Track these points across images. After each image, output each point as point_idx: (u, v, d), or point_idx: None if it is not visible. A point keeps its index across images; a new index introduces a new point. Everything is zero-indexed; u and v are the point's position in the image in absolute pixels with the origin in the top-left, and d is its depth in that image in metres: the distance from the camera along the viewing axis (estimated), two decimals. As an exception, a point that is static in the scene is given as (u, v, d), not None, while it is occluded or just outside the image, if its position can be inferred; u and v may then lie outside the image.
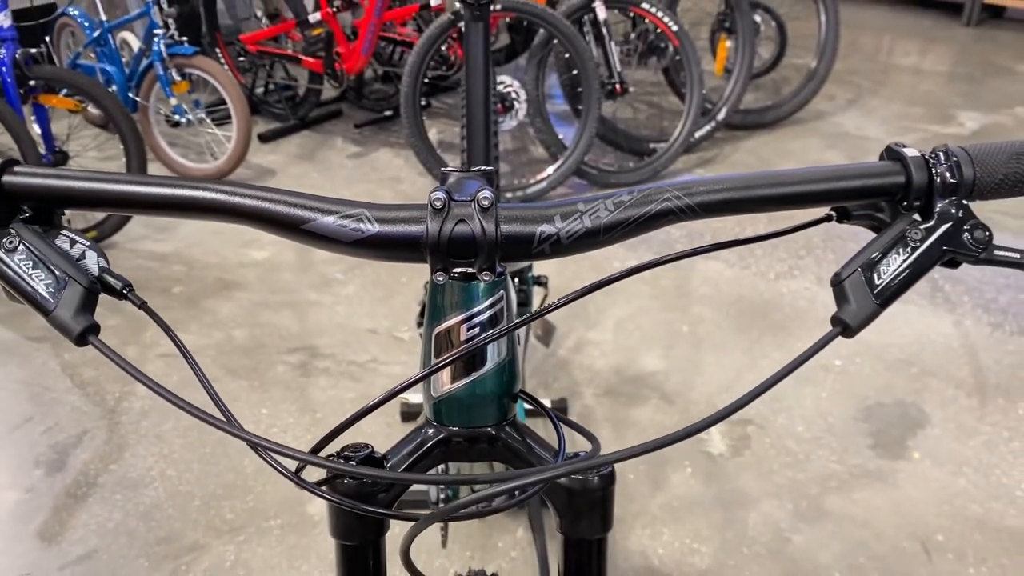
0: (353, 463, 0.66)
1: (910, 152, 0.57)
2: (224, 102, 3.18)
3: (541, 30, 3.04)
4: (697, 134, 3.39)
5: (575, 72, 3.11)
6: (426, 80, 3.01)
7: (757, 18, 3.57)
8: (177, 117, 3.22)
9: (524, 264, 1.80)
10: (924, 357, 2.34)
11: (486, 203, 0.55)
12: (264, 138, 3.65)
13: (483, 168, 0.61)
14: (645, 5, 3.13)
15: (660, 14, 3.14)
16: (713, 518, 1.87)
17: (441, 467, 0.71)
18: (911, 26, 5.19)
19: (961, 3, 5.07)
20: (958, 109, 3.95)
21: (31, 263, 0.56)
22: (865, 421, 2.13)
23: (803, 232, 0.64)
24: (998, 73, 4.39)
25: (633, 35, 3.43)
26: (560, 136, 3.19)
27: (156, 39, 3.11)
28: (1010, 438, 2.06)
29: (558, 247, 0.55)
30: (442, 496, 1.51)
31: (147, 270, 2.81)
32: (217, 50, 3.83)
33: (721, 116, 3.44)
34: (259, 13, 4.32)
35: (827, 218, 0.62)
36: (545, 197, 3.15)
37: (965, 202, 0.56)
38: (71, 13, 3.51)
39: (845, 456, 2.03)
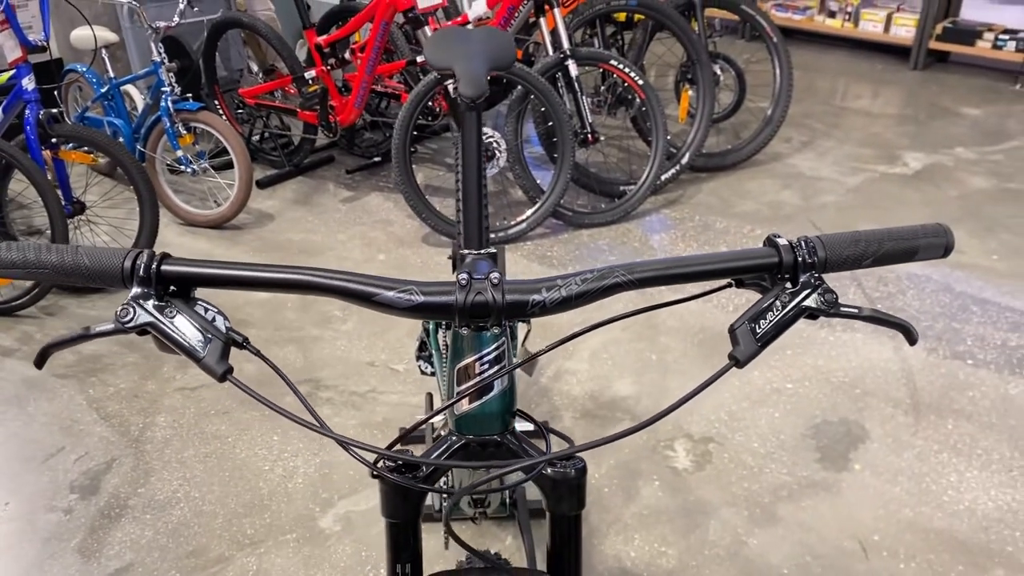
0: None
1: (782, 241, 0.84)
2: (221, 149, 3.44)
3: (519, 86, 3.33)
4: (663, 177, 3.68)
5: (550, 123, 3.40)
6: (415, 132, 3.28)
7: (717, 69, 3.88)
8: (183, 168, 3.46)
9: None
10: (866, 380, 2.62)
11: (495, 281, 0.81)
12: (261, 184, 3.91)
13: (490, 251, 0.89)
14: (613, 62, 3.43)
15: (626, 69, 3.43)
16: (678, 525, 2.13)
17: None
18: (863, 70, 5.55)
19: (909, 48, 5.43)
20: (904, 150, 4.28)
21: (186, 325, 0.82)
22: (813, 437, 2.40)
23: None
24: (942, 115, 4.74)
25: (603, 88, 3.73)
26: (538, 181, 3.47)
27: (164, 96, 3.36)
28: (939, 450, 2.34)
29: (544, 309, 0.82)
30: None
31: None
32: (215, 102, 4.09)
33: (685, 160, 3.74)
34: (252, 65, 4.60)
35: (728, 285, 0.89)
36: (525, 237, 3.43)
37: (819, 274, 0.84)
38: (79, 69, 3.76)
39: (795, 468, 2.30)
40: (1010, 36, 5.04)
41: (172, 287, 0.85)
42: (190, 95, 3.45)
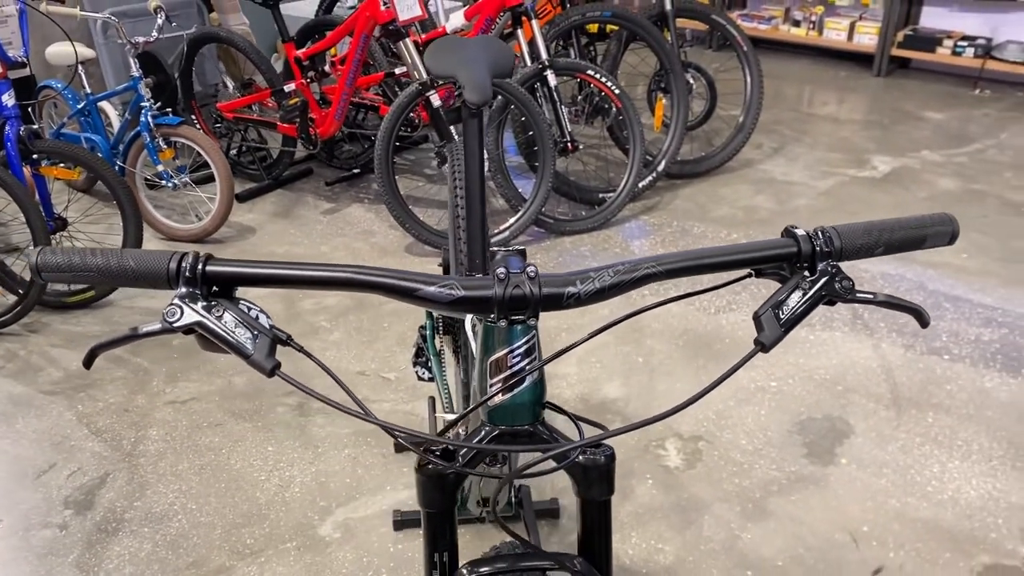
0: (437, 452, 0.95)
1: (800, 232, 0.89)
2: (201, 163, 3.45)
3: (499, 96, 3.37)
4: (640, 184, 3.74)
5: (531, 133, 3.44)
6: (397, 143, 3.31)
7: (690, 78, 3.96)
8: (164, 182, 3.46)
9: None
10: (848, 377, 2.69)
11: (532, 274, 0.85)
12: (241, 198, 3.90)
13: (519, 248, 0.92)
14: (590, 72, 3.49)
15: (603, 79, 3.50)
16: (673, 521, 2.17)
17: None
18: (829, 77, 5.68)
19: (872, 55, 5.57)
20: (872, 154, 4.39)
21: (233, 323, 0.84)
22: (799, 433, 2.46)
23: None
24: (906, 120, 4.86)
25: (580, 97, 3.79)
26: (519, 189, 3.52)
27: (144, 111, 3.36)
28: (921, 443, 2.41)
29: (579, 301, 0.86)
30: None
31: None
32: (193, 117, 4.08)
33: (661, 167, 3.81)
34: (227, 81, 4.60)
35: (748, 275, 0.93)
36: (508, 244, 3.46)
37: (836, 263, 0.88)
38: (55, 86, 3.74)
39: (783, 464, 2.35)
40: (968, 43, 5.20)
41: (215, 287, 0.87)
42: (169, 110, 3.45)
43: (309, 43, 3.99)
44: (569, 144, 3.45)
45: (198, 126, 4.07)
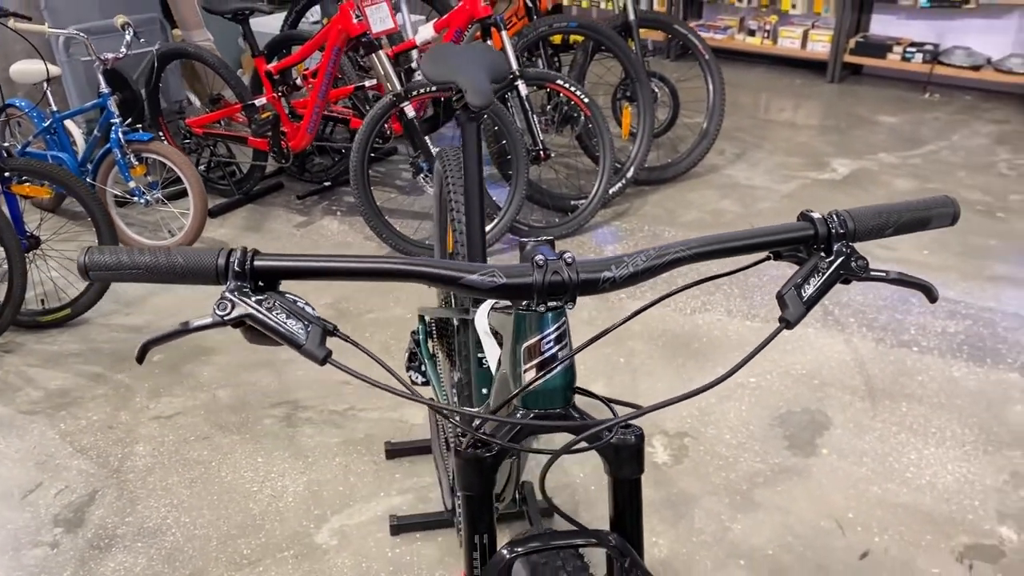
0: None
1: (815, 215, 0.94)
2: (170, 179, 3.44)
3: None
4: (611, 191, 3.81)
5: (503, 142, 3.49)
6: (372, 155, 3.33)
7: (654, 86, 4.04)
8: (136, 199, 3.43)
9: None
10: (823, 371, 2.77)
11: (570, 261, 0.89)
12: (211, 213, 3.88)
13: (548, 239, 0.96)
14: (559, 81, 3.55)
15: (572, 88, 3.56)
16: (665, 516, 2.22)
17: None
18: (784, 85, 5.83)
19: (825, 62, 5.73)
20: (831, 157, 4.52)
21: (284, 315, 0.87)
22: (780, 426, 2.53)
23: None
24: (861, 124, 5.01)
25: (549, 107, 3.85)
26: (493, 198, 3.56)
27: (114, 128, 3.34)
28: (897, 432, 2.49)
29: (614, 284, 0.90)
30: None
31: (123, 342, 3.01)
32: (160, 133, 4.06)
33: (630, 174, 3.88)
34: (192, 97, 4.58)
35: (767, 258, 0.98)
36: (483, 254, 3.49)
37: (851, 243, 0.94)
38: (19, 104, 3.70)
39: (767, 456, 2.42)
40: (917, 49, 5.37)
41: (260, 282, 0.89)
42: (139, 126, 3.43)
43: (277, 57, 4.00)
44: (542, 152, 3.50)
45: (166, 142, 4.04)
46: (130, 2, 4.40)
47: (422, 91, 3.25)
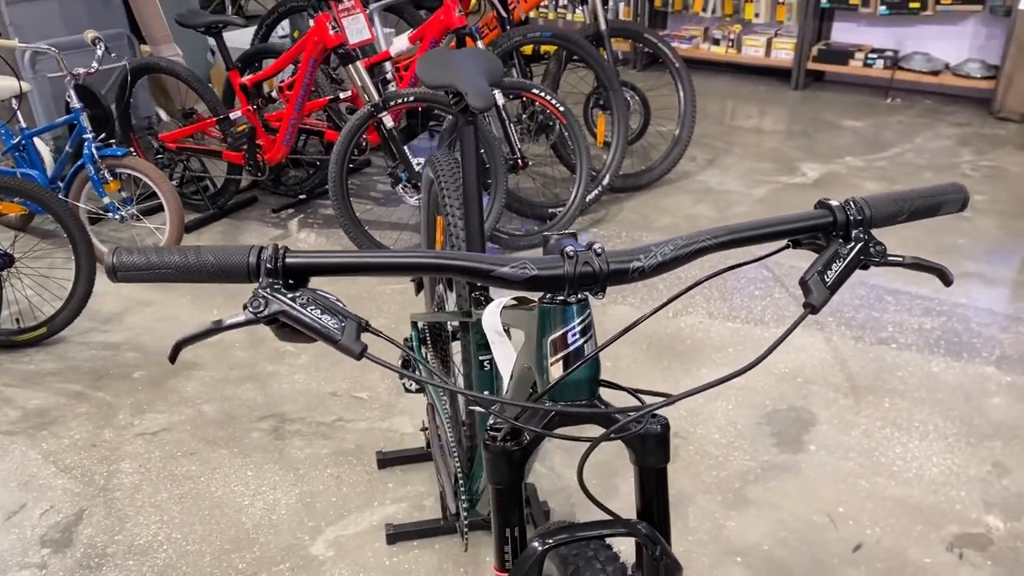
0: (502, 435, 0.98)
1: (833, 202, 0.96)
2: (144, 194, 3.40)
3: (448, 116, 3.42)
4: (587, 198, 3.83)
5: (481, 151, 3.50)
6: (352, 165, 3.33)
7: (626, 95, 4.08)
8: (111, 215, 3.39)
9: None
10: (805, 369, 2.81)
11: (599, 251, 0.90)
12: (186, 228, 3.84)
13: (571, 232, 0.97)
14: (535, 90, 3.57)
15: (548, 97, 3.58)
16: (660, 515, 2.23)
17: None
18: (749, 92, 5.92)
19: (789, 70, 5.83)
20: (800, 162, 4.60)
21: (319, 311, 0.87)
22: (767, 425, 2.56)
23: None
24: (827, 128, 5.11)
25: (525, 116, 3.87)
26: (471, 208, 3.56)
27: (87, 143, 3.29)
28: (882, 426, 2.54)
29: (643, 274, 0.91)
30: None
31: (103, 359, 2.96)
32: (131, 148, 4.00)
33: (606, 181, 3.91)
34: (161, 113, 4.53)
35: (786, 246, 1.00)
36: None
37: (869, 230, 0.96)
38: (-14, 122, 3.63)
39: (756, 454, 2.44)
40: (878, 55, 5.49)
41: (290, 279, 0.89)
42: (111, 142, 3.39)
43: (249, 71, 3.98)
44: (519, 161, 3.52)
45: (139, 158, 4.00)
46: (96, 18, 4.36)
47: (400, 101, 3.25)
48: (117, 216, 3.40)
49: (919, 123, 5.14)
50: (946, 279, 1.02)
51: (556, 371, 0.98)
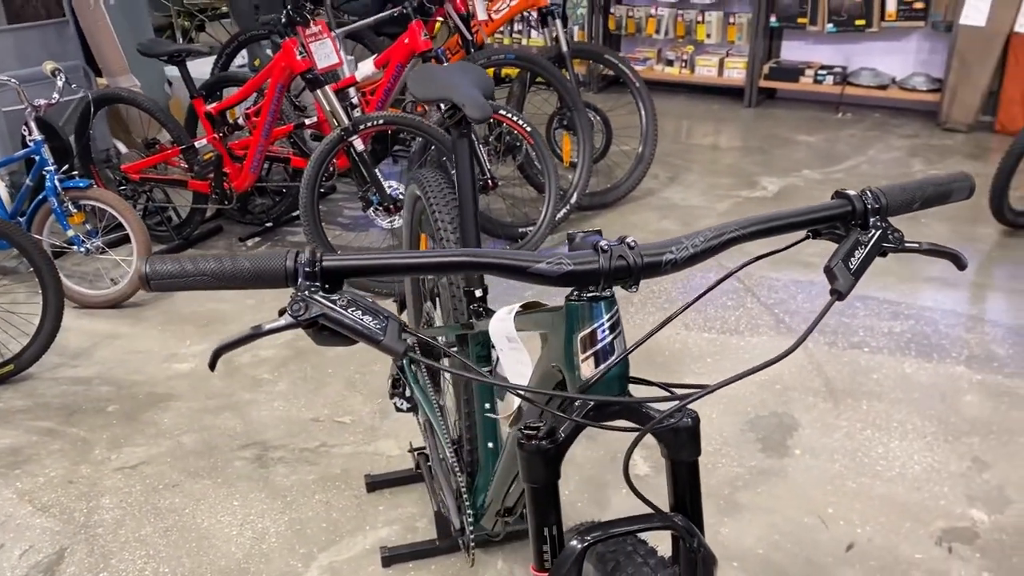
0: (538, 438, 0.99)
1: (851, 192, 0.99)
2: (109, 226, 3.36)
3: (418, 138, 3.43)
4: (556, 217, 3.86)
5: (452, 172, 3.50)
6: (322, 190, 3.31)
7: (590, 115, 4.13)
8: (75, 248, 3.32)
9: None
10: (783, 376, 2.85)
11: (632, 245, 0.91)
12: (151, 260, 3.78)
13: (596, 230, 0.98)
14: (502, 112, 3.60)
15: (515, 118, 3.61)
16: (655, 525, 2.24)
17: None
18: (704, 111, 6.03)
19: (742, 88, 5.96)
20: (758, 176, 4.69)
21: (360, 311, 0.86)
22: (751, 431, 2.59)
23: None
24: (782, 144, 5.22)
25: (492, 137, 3.90)
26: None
27: (49, 175, 3.23)
28: (862, 428, 2.58)
29: (675, 266, 0.92)
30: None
31: (75, 394, 2.89)
32: (92, 181, 3.94)
33: (574, 200, 3.94)
34: (119, 145, 4.46)
35: (806, 237, 1.02)
36: (437, 285, 3.50)
37: (885, 218, 0.99)
38: (-58, 157, 3.54)
39: (743, 460, 2.47)
40: (827, 71, 5.65)
41: (325, 283, 0.88)
42: (76, 173, 3.33)
43: (210, 100, 3.94)
44: (489, 181, 3.53)
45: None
46: (50, 50, 4.29)
47: (370, 124, 3.25)
48: (82, 249, 3.33)
49: (870, 136, 5.28)
50: (960, 263, 1.05)
51: (587, 368, 0.99)
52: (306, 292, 0.86)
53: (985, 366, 2.86)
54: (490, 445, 1.69)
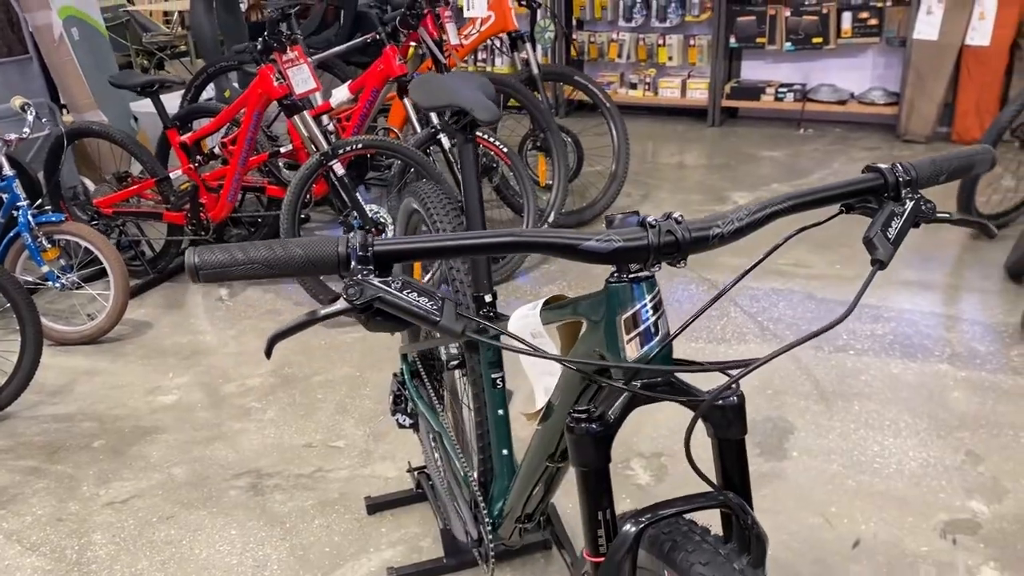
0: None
1: (883, 166, 1.00)
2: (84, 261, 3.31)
3: (396, 161, 3.43)
4: (535, 236, 3.87)
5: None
6: (303, 217, 3.29)
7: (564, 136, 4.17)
8: (50, 284, 3.25)
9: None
10: (774, 381, 2.87)
11: (680, 220, 0.92)
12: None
13: (634, 211, 0.99)
14: (479, 132, 3.61)
15: (492, 139, 3.63)
16: (662, 532, 2.23)
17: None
18: (669, 132, 6.12)
19: (705, 108, 6.06)
20: (728, 191, 4.76)
21: (415, 293, 0.85)
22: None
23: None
24: (748, 160, 5.31)
25: (468, 159, 3.90)
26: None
27: (22, 211, 3.17)
28: (856, 428, 2.61)
29: (723, 240, 0.93)
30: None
31: (57, 432, 2.81)
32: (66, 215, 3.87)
33: (551, 219, 3.96)
34: (86, 182, 4.40)
35: (840, 212, 1.04)
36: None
37: (917, 190, 1.01)
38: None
39: (743, 465, 2.47)
40: (787, 89, 5.78)
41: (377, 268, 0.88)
42: (47, 208, 3.27)
43: (182, 132, 3.91)
44: (469, 202, 3.52)
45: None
46: (13, 88, 4.21)
47: (349, 148, 3.25)
48: (57, 284, 3.26)
49: (833, 150, 5.40)
50: (989, 232, 1.08)
51: (632, 349, 0.99)
52: (359, 276, 0.85)
53: (968, 363, 2.91)
54: (504, 452, 1.68)
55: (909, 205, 0.99)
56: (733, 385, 1.00)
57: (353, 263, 0.85)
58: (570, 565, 1.73)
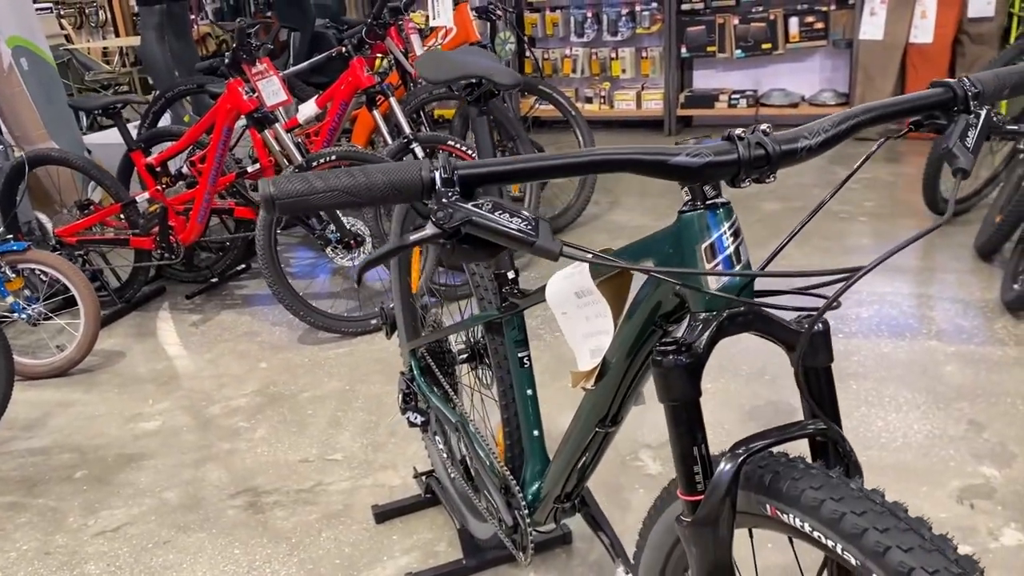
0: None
1: (951, 81, 1.00)
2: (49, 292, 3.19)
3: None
4: (511, 245, 3.84)
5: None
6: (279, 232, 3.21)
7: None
8: (16, 315, 3.11)
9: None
10: (769, 367, 2.87)
11: (767, 133, 0.89)
12: (95, 325, 3.58)
13: (707, 134, 0.96)
14: (451, 142, 3.58)
15: (464, 148, 3.60)
16: (681, 518, 2.19)
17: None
18: (627, 142, 6.16)
19: (661, 119, 6.13)
20: (695, 195, 4.79)
21: (507, 215, 0.81)
22: (751, 421, 2.58)
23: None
24: (709, 165, 5.37)
25: (438, 169, 3.87)
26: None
27: (-18, 240, 3.04)
28: (857, 406, 2.61)
29: (810, 152, 0.91)
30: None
31: (34, 465, 2.67)
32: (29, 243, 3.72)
33: (526, 227, 3.94)
34: (40, 217, 4.25)
35: (909, 130, 1.03)
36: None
37: (984, 104, 1.00)
38: None
39: (752, 448, 2.45)
40: (740, 95, 5.88)
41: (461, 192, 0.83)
42: (9, 237, 3.14)
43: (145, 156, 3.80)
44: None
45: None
46: (-39, 122, 4.08)
47: (323, 160, 3.18)
48: (24, 316, 3.13)
49: (791, 151, 5.48)
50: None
51: (714, 280, 0.95)
52: (450, 199, 0.80)
53: (956, 338, 2.95)
54: (535, 433, 1.63)
55: (983, 114, 0.98)
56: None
57: (439, 186, 0.81)
58: (609, 547, 1.67)
